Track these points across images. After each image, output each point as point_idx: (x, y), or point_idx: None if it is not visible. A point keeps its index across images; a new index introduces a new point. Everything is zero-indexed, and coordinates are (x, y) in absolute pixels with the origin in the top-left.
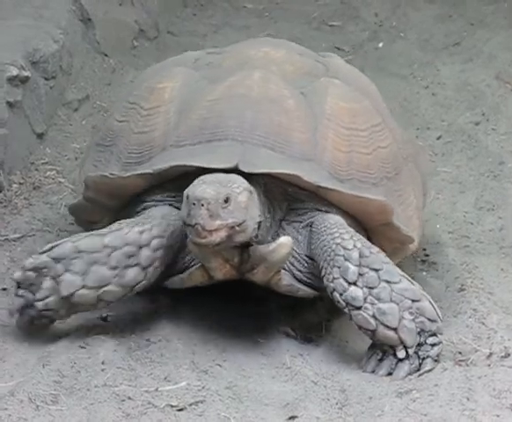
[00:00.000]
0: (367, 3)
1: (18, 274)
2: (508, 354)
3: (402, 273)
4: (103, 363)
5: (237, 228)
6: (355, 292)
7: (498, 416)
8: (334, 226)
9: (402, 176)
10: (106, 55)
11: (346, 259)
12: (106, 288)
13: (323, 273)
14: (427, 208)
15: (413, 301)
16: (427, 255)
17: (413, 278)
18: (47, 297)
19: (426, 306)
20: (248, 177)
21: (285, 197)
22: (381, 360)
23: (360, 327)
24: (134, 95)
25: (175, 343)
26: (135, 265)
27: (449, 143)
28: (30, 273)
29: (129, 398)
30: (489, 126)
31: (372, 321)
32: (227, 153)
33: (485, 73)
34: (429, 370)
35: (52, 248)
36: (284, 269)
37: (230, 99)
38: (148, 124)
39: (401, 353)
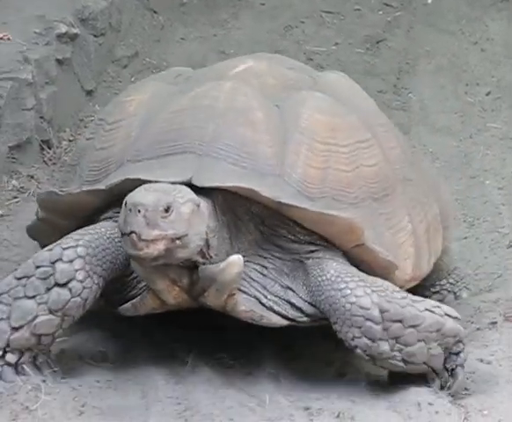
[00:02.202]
0: None
1: None
2: None
3: (423, 304)
4: None
5: (177, 241)
6: (382, 346)
7: None
8: (339, 278)
9: (394, 198)
10: (154, 12)
11: (367, 320)
12: (35, 322)
13: (338, 330)
14: (476, 164)
15: (438, 331)
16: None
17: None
18: None
19: (448, 328)
20: (205, 192)
21: (250, 217)
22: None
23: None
24: (103, 111)
25: None
26: (54, 285)
27: (499, 99)
28: None
29: None
30: None
31: (401, 364)
32: (182, 167)
33: None
34: (461, 381)
35: None
36: (247, 294)
37: (194, 111)
38: (109, 139)
39: (431, 375)
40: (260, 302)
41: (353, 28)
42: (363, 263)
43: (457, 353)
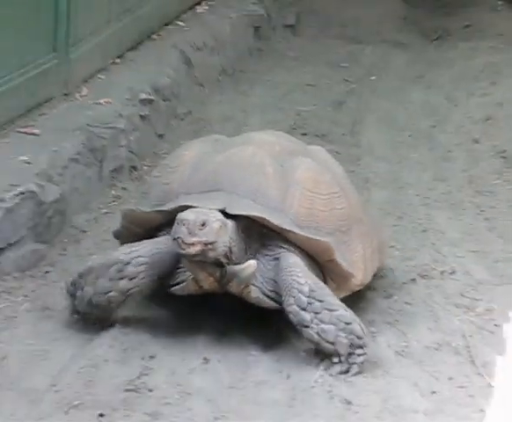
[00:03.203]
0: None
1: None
2: (454, 272)
3: (340, 304)
4: None
5: (209, 245)
6: (305, 315)
7: (449, 311)
8: (293, 265)
9: (352, 232)
10: (201, 85)
11: (299, 292)
12: (108, 295)
13: (283, 299)
14: (402, 180)
15: (346, 323)
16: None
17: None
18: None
19: (356, 328)
20: (232, 217)
21: (260, 235)
22: (322, 360)
23: (307, 340)
24: (167, 158)
25: None
26: (124, 277)
27: (416, 139)
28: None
29: None
30: None
31: (316, 336)
32: (219, 199)
33: None
34: (355, 373)
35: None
36: (255, 285)
37: (227, 164)
38: (170, 178)
39: (335, 359)
40: (263, 292)
41: (325, 95)
42: (332, 272)
43: (359, 355)
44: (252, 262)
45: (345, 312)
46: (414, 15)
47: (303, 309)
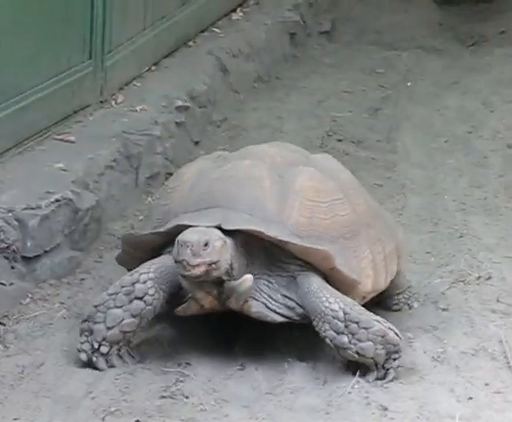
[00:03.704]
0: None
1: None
2: (490, 277)
3: (374, 318)
4: None
5: (213, 265)
6: (343, 339)
7: (485, 316)
8: (319, 289)
9: (359, 237)
10: (237, 92)
11: (334, 318)
12: (122, 323)
13: (315, 324)
14: (438, 186)
15: (383, 336)
16: None
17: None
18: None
19: (391, 337)
20: (231, 233)
21: (263, 250)
22: (359, 367)
23: (346, 358)
24: (168, 180)
25: None
26: (134, 298)
27: (453, 145)
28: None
29: None
30: None
31: (356, 356)
32: (214, 216)
33: None
34: (392, 379)
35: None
36: (257, 300)
37: (223, 179)
38: (170, 197)
39: (373, 367)
40: (267, 306)
41: (361, 101)
42: (336, 280)
43: (394, 359)
44: (249, 276)
45: (380, 325)
46: (450, 21)
47: (341, 333)
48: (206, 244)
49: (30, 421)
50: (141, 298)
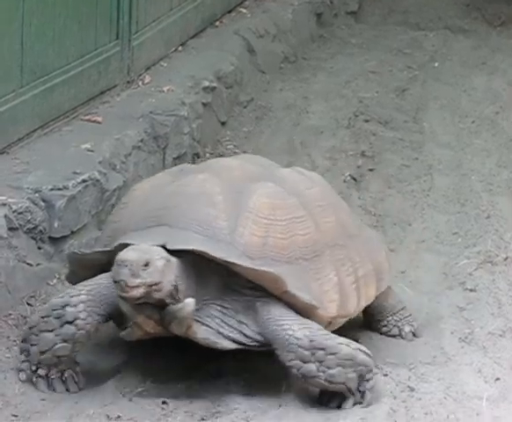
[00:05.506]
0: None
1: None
2: None
3: (341, 341)
4: None
5: (154, 287)
6: (310, 367)
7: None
8: (280, 316)
9: (323, 258)
10: (263, 72)
11: (299, 347)
12: (55, 348)
13: (279, 355)
14: (465, 166)
15: (352, 360)
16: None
17: None
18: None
19: (361, 359)
20: (178, 252)
21: (216, 272)
22: (332, 396)
23: (315, 387)
24: (123, 195)
25: None
26: (65, 322)
27: (480, 126)
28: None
29: None
30: None
31: (326, 383)
32: (159, 234)
33: None
34: (368, 401)
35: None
36: (208, 326)
37: (174, 196)
38: (119, 214)
39: (347, 394)
40: (219, 332)
41: (388, 82)
42: (292, 305)
43: (368, 380)
44: (190, 300)
45: (347, 348)
46: (477, 1)
47: (308, 362)
48: (146, 264)
49: None
50: (71, 322)
